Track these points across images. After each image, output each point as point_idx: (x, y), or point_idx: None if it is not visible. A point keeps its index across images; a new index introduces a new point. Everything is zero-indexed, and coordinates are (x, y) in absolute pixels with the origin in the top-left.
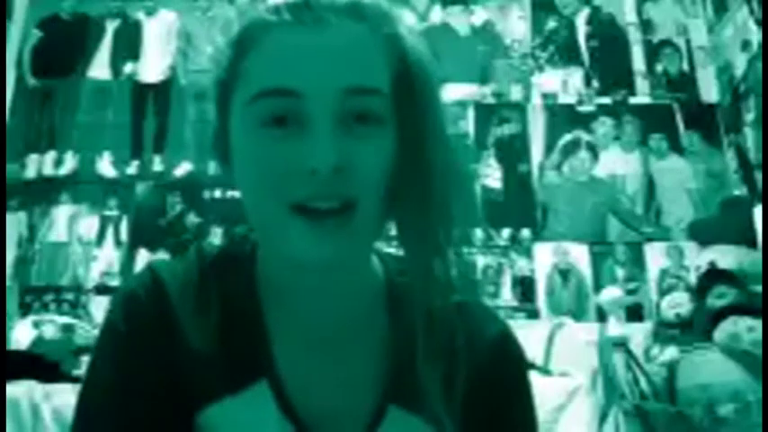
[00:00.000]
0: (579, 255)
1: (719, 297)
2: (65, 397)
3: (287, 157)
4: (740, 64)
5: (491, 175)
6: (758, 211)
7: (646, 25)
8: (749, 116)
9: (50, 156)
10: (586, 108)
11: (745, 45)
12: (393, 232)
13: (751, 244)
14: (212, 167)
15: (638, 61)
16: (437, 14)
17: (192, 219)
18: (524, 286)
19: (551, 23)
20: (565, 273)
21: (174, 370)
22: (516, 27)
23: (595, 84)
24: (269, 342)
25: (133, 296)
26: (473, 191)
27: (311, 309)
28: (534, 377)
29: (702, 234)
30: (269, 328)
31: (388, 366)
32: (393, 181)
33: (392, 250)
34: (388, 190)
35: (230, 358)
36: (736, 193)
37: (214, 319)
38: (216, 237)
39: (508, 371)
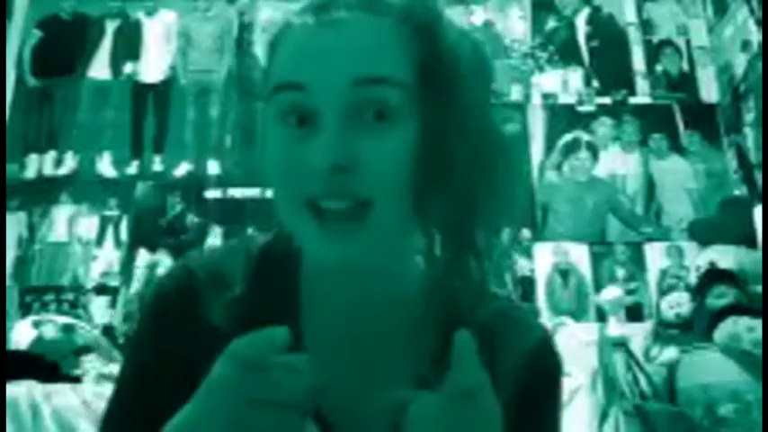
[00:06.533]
0: (579, 255)
1: (719, 297)
2: (65, 397)
3: (297, 154)
4: (740, 64)
5: None
6: (758, 211)
7: (646, 25)
8: (749, 116)
9: (50, 156)
10: (586, 108)
11: (745, 45)
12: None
13: (751, 244)
14: (212, 167)
15: (638, 61)
16: None
17: (192, 219)
18: (524, 286)
19: (551, 23)
20: (565, 273)
21: (202, 366)
22: (516, 27)
23: (595, 84)
24: (301, 342)
25: (163, 291)
26: (514, 192)
27: (347, 316)
28: None
29: (702, 234)
30: (303, 327)
31: (420, 375)
32: (417, 178)
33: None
34: (413, 188)
35: None
36: (736, 193)
37: (248, 316)
38: (216, 237)
39: (542, 384)
